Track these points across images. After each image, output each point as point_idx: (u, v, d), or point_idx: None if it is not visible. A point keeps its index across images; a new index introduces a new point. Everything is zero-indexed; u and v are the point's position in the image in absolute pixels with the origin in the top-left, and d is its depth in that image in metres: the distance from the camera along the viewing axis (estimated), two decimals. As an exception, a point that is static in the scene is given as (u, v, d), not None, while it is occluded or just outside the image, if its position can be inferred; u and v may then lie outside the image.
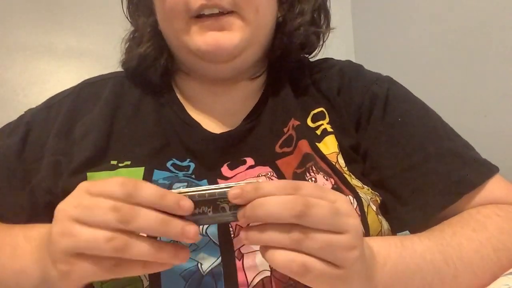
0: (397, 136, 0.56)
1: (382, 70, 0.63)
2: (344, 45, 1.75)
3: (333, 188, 0.49)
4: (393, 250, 0.44)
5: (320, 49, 0.66)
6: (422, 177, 0.53)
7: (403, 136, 0.56)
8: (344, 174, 0.52)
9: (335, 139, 0.56)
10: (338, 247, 0.34)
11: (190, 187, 0.48)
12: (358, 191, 0.51)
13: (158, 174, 0.52)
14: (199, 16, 0.53)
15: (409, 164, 0.54)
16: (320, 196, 0.35)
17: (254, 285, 0.45)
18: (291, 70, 0.63)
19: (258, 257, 0.45)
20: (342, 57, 0.67)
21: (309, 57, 0.67)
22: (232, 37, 0.53)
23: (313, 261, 0.34)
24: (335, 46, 0.66)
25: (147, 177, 0.51)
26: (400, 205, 0.54)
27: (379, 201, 0.54)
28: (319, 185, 0.38)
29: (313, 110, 0.59)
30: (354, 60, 0.65)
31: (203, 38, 0.53)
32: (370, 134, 0.57)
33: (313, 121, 0.58)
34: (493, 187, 0.52)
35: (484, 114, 1.23)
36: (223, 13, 0.53)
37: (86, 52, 1.43)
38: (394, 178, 0.55)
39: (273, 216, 0.34)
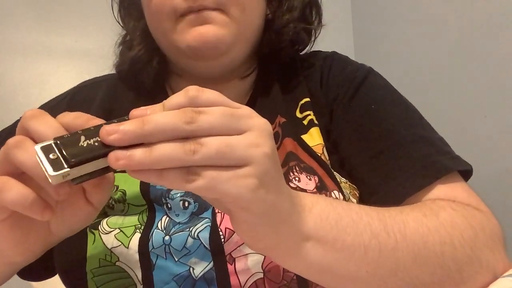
0: (368, 122, 0.53)
1: (381, 69, 0.62)
2: (343, 43, 1.75)
3: (316, 186, 0.49)
4: (322, 199, 0.39)
5: (312, 46, 0.65)
6: (392, 161, 0.50)
7: (375, 121, 0.53)
8: (329, 166, 0.51)
9: (319, 131, 0.55)
10: (238, 146, 0.30)
11: (187, 196, 0.49)
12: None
13: None
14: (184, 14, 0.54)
15: (379, 149, 0.51)
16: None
17: None
18: (283, 67, 0.62)
19: (250, 260, 0.45)
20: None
21: (301, 53, 0.66)
22: (216, 30, 0.53)
23: (213, 169, 0.30)
24: (335, 45, 0.65)
25: (144, 182, 0.51)
26: (369, 194, 0.51)
27: (357, 194, 0.53)
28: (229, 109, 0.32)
29: (301, 100, 0.58)
30: (353, 59, 0.63)
31: (189, 34, 0.53)
32: (338, 117, 0.55)
33: (301, 111, 0.58)
34: (457, 186, 0.49)
35: (484, 114, 1.22)
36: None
37: (86, 52, 1.43)
38: (363, 165, 0.52)
39: (162, 126, 0.29)
